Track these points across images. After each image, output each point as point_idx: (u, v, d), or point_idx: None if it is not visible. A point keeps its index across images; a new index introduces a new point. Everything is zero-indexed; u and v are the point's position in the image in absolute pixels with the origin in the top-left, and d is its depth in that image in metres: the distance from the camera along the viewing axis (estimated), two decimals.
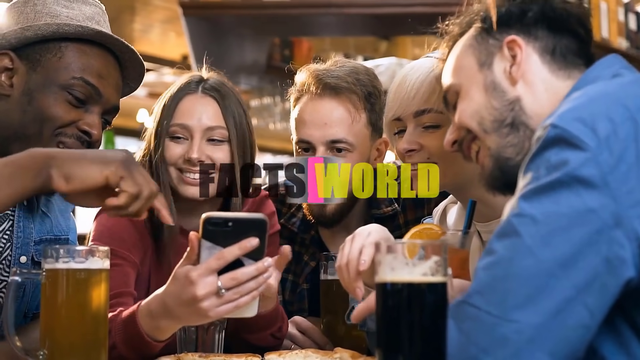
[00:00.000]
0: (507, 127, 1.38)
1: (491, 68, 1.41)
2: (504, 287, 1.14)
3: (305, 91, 2.10)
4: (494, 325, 1.13)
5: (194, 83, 1.97)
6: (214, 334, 1.68)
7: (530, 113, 1.37)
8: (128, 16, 7.58)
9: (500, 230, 1.19)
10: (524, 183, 1.19)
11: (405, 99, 1.70)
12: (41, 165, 1.35)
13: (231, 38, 4.84)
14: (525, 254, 1.14)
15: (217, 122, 1.93)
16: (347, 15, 4.59)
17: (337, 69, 2.10)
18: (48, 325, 1.34)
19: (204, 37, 4.79)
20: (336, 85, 2.06)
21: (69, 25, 1.65)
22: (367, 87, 2.09)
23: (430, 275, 1.18)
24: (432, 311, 1.18)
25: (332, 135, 2.05)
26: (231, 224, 1.36)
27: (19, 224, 1.73)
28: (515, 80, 1.38)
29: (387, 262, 1.20)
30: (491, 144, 1.40)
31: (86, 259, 1.34)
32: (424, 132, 1.70)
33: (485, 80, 1.41)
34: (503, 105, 1.38)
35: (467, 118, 1.43)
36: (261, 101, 5.41)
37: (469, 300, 1.18)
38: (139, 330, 1.51)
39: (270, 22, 4.69)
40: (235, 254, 1.34)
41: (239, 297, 1.36)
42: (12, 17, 1.70)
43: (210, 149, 1.93)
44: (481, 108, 1.40)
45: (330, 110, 2.06)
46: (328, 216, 2.11)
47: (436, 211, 1.90)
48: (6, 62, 1.66)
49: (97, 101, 1.70)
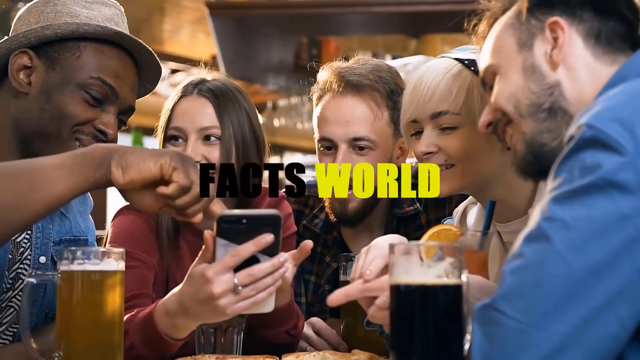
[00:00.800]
0: (544, 112, 1.33)
1: (531, 50, 1.35)
2: (532, 293, 1.11)
3: (327, 89, 2.09)
4: (521, 332, 1.10)
5: (191, 85, 1.97)
6: (232, 335, 1.67)
7: (571, 99, 1.31)
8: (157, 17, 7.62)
9: (530, 233, 1.15)
10: (555, 185, 1.15)
11: (421, 101, 1.68)
12: (103, 157, 1.35)
13: (258, 38, 4.84)
14: (555, 259, 1.10)
15: (211, 122, 1.91)
16: (374, 13, 4.57)
17: (359, 66, 2.09)
18: (63, 327, 1.35)
19: (231, 38, 4.81)
20: (358, 83, 2.05)
21: (88, 25, 1.67)
22: (389, 85, 2.07)
23: (445, 277, 1.17)
24: (446, 313, 1.17)
25: (354, 133, 2.04)
26: (245, 221, 1.35)
27: (38, 224, 1.74)
28: (556, 64, 1.33)
29: (400, 264, 1.19)
30: (526, 129, 1.35)
31: (101, 260, 1.34)
32: (441, 134, 1.68)
33: (524, 62, 1.35)
34: (541, 89, 1.33)
35: (503, 100, 1.38)
36: (289, 101, 5.41)
37: (495, 304, 1.14)
38: (157, 330, 1.51)
39: (297, 22, 4.68)
40: (251, 250, 1.33)
41: (255, 293, 1.35)
42: (32, 16, 1.72)
43: (205, 149, 1.90)
44: (518, 91, 1.35)
45: (352, 108, 2.05)
46: (350, 215, 2.10)
47: (456, 212, 1.88)
48: (25, 60, 1.67)
49: (114, 101, 1.71)
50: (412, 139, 1.75)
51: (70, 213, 1.85)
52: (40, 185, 1.35)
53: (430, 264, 1.17)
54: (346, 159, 2.04)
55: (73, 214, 1.85)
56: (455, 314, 1.17)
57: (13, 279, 1.70)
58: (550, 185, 1.16)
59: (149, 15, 7.39)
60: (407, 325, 1.18)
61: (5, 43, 1.68)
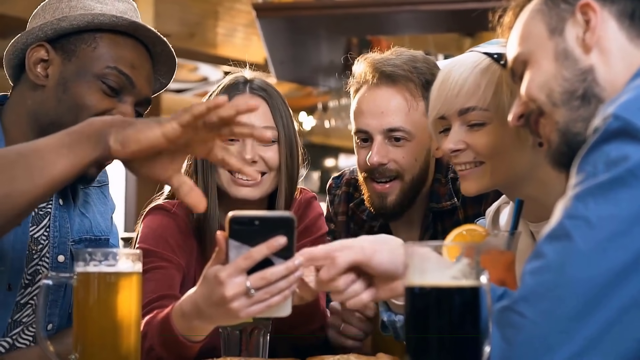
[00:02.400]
0: (577, 100, 1.27)
1: (562, 35, 1.30)
2: (554, 295, 1.06)
3: (363, 81, 2.08)
4: (541, 335, 1.05)
5: (240, 84, 1.96)
6: (259, 337, 1.64)
7: (604, 84, 1.25)
8: (211, 21, 7.69)
9: (551, 232, 1.10)
10: (578, 180, 1.10)
11: (448, 96, 1.63)
12: (99, 133, 1.35)
13: (307, 39, 4.83)
14: (578, 260, 1.05)
15: (267, 122, 1.93)
16: (423, 12, 4.52)
17: (394, 57, 2.08)
18: (79, 329, 1.33)
19: (280, 39, 4.81)
20: (392, 74, 2.03)
21: (103, 16, 1.68)
22: (425, 75, 2.04)
23: (461, 279, 1.12)
24: (463, 316, 1.11)
25: (389, 124, 2.03)
26: (258, 223, 1.32)
27: (55, 223, 1.75)
28: (589, 48, 1.27)
29: (415, 266, 1.14)
30: (559, 118, 1.29)
31: (117, 262, 1.32)
32: (469, 131, 1.62)
33: (555, 48, 1.30)
34: (574, 75, 1.27)
35: (534, 90, 1.32)
36: (339, 102, 5.38)
37: (514, 307, 1.09)
38: (174, 332, 1.49)
39: (346, 22, 4.65)
40: (264, 253, 1.30)
41: (269, 297, 1.32)
42: (47, 13, 1.74)
43: (262, 149, 1.92)
44: (550, 79, 1.30)
45: (387, 99, 2.03)
46: (389, 209, 2.08)
47: (489, 212, 1.82)
48: (42, 53, 1.69)
49: (130, 91, 1.71)
50: (440, 136, 1.70)
51: (90, 212, 1.85)
52: (38, 169, 1.34)
53: (446, 265, 1.13)
54: (381, 150, 2.03)
55: (93, 214, 1.86)
56: (472, 317, 1.12)
57: (32, 275, 1.71)
58: (573, 181, 1.10)
59: (202, 19, 7.45)
60: (422, 329, 1.13)
61: (21, 37, 1.70)
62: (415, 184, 2.07)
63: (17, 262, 1.67)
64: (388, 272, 1.32)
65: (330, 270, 1.32)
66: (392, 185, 2.06)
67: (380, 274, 1.33)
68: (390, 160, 2.04)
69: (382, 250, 1.33)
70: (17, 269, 1.67)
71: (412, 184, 2.06)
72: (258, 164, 1.92)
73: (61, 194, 1.77)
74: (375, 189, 2.07)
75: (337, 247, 1.34)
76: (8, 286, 1.66)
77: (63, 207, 1.77)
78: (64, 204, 1.78)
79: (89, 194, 1.89)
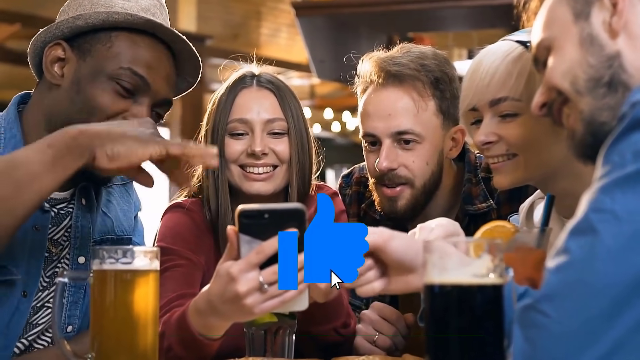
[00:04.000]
0: (603, 87, 1.21)
1: (588, 19, 1.23)
2: (579, 293, 1.00)
3: (368, 82, 2.00)
4: (565, 336, 0.99)
5: (248, 78, 1.94)
6: (284, 337, 1.61)
7: (631, 70, 1.19)
8: (255, 22, 7.72)
9: (576, 226, 1.04)
10: (604, 171, 1.04)
11: (479, 86, 1.57)
12: (84, 146, 1.39)
13: (347, 37, 4.78)
14: (604, 256, 0.99)
15: (276, 114, 1.90)
16: (465, 7, 4.45)
17: (400, 55, 1.99)
18: (96, 328, 1.31)
19: (320, 38, 4.78)
20: (398, 73, 1.94)
21: (118, 14, 1.63)
22: (433, 73, 1.96)
23: (483, 277, 1.07)
24: (484, 315, 1.06)
25: (397, 127, 1.94)
26: (267, 216, 1.28)
27: (77, 223, 1.72)
28: (616, 33, 1.21)
29: (434, 263, 1.09)
30: (584, 107, 1.23)
31: (133, 259, 1.30)
32: (501, 122, 1.56)
33: (581, 33, 1.24)
34: (600, 61, 1.21)
35: (558, 77, 1.26)
36: None
37: (537, 305, 1.04)
38: (191, 330, 1.47)
39: (386, 19, 4.60)
40: (275, 246, 1.27)
41: (283, 291, 1.29)
42: (71, 9, 1.71)
43: (272, 141, 1.90)
44: (575, 65, 1.24)
45: (393, 100, 1.95)
46: (399, 212, 2.00)
47: (522, 207, 1.75)
48: (59, 52, 1.66)
49: (146, 92, 1.66)
50: (472, 128, 1.64)
51: (112, 212, 1.83)
52: (25, 186, 1.37)
53: (468, 262, 1.08)
54: (390, 154, 1.94)
55: (115, 213, 1.83)
56: (494, 316, 1.06)
57: (50, 277, 1.69)
58: (599, 172, 1.04)
59: (246, 20, 7.48)
60: (442, 329, 1.08)
61: (40, 36, 1.68)
62: (428, 189, 1.98)
63: (33, 268, 1.65)
64: (402, 262, 1.29)
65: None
66: (402, 189, 1.97)
67: (394, 262, 1.29)
68: (400, 165, 1.96)
69: (399, 238, 1.29)
70: (34, 275, 1.65)
71: (424, 189, 1.98)
72: (269, 157, 1.89)
73: (84, 194, 1.74)
74: (384, 192, 1.99)
75: None
76: (23, 293, 1.63)
77: (85, 207, 1.75)
78: (87, 204, 1.75)
79: (112, 193, 1.87)
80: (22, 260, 1.62)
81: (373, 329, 1.80)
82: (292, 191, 1.91)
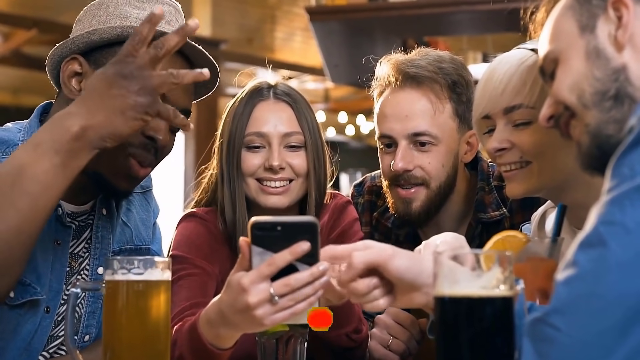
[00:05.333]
0: (609, 101, 1.21)
1: (594, 32, 1.24)
2: (590, 307, 0.99)
3: (386, 84, 2.01)
4: (576, 349, 0.99)
5: (264, 89, 1.93)
6: (296, 345, 1.61)
7: (638, 83, 1.19)
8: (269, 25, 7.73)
9: (585, 239, 1.04)
10: (613, 184, 1.03)
11: (493, 94, 1.57)
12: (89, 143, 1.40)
13: (362, 41, 4.77)
14: (615, 269, 0.98)
15: (293, 127, 1.90)
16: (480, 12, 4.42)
17: (418, 58, 2.01)
18: (108, 337, 1.32)
19: (334, 42, 4.77)
20: (416, 75, 1.96)
21: (132, 28, 1.61)
22: (451, 76, 1.97)
23: (493, 289, 1.07)
24: (494, 327, 1.06)
25: (414, 128, 1.95)
26: (280, 228, 1.29)
27: (97, 234, 1.73)
28: (621, 46, 1.21)
29: (445, 275, 1.10)
30: (590, 120, 1.23)
31: (145, 270, 1.30)
32: (514, 130, 1.56)
33: (587, 46, 1.24)
34: (606, 74, 1.21)
35: (564, 92, 1.27)
36: None
37: (547, 319, 1.03)
38: (202, 340, 1.47)
39: (401, 23, 4.58)
40: (287, 259, 1.27)
41: (294, 303, 1.29)
42: (86, 20, 1.70)
43: (289, 155, 1.90)
44: (581, 79, 1.24)
45: (411, 102, 1.96)
46: (414, 215, 2.01)
47: (534, 216, 1.74)
48: (76, 66, 1.65)
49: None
50: (484, 137, 1.64)
51: (132, 221, 1.83)
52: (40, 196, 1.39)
53: (477, 274, 1.07)
54: (406, 155, 1.96)
55: (135, 222, 1.84)
56: (504, 328, 1.07)
57: None
58: (608, 184, 1.04)
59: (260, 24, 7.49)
60: (452, 341, 1.08)
61: (57, 50, 1.67)
62: (443, 191, 1.99)
63: (55, 283, 1.65)
64: (404, 280, 1.28)
65: (349, 272, 1.28)
66: (417, 190, 1.98)
67: (397, 279, 1.28)
68: (416, 166, 1.97)
69: (401, 256, 1.28)
70: (56, 291, 1.65)
71: (439, 191, 1.99)
72: (285, 171, 1.89)
73: (104, 204, 1.75)
74: (399, 194, 2.01)
75: (360, 246, 1.30)
76: (46, 309, 1.64)
77: (106, 217, 1.75)
78: (107, 213, 1.76)
79: (132, 201, 1.87)
80: (45, 277, 1.63)
81: (387, 334, 1.80)
82: (310, 204, 1.91)
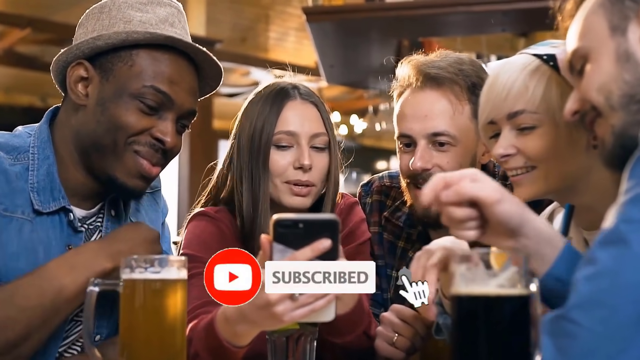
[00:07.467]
0: (637, 104, 1.22)
1: (625, 35, 1.24)
2: (611, 301, 1.03)
3: (406, 85, 2.03)
4: (599, 344, 1.02)
5: (290, 89, 1.95)
6: (305, 344, 1.63)
7: None
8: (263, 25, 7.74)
9: (605, 237, 1.06)
10: (632, 184, 1.06)
11: (497, 100, 1.59)
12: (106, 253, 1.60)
13: (357, 42, 4.80)
14: (635, 265, 1.02)
15: (320, 128, 1.93)
16: (474, 13, 4.45)
17: (439, 60, 2.02)
18: (125, 336, 1.34)
19: (330, 43, 4.79)
20: (437, 76, 1.97)
21: (137, 33, 1.64)
22: (470, 78, 1.98)
23: (509, 288, 1.09)
24: (511, 326, 1.09)
25: (433, 128, 1.97)
26: (302, 226, 1.31)
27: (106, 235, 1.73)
28: None
29: (461, 274, 1.12)
30: (616, 121, 1.24)
31: (162, 268, 1.32)
32: (519, 135, 1.57)
33: (617, 48, 1.25)
34: (636, 78, 1.22)
35: (593, 92, 1.27)
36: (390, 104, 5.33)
37: (568, 315, 1.06)
38: (218, 337, 1.49)
39: (396, 24, 4.61)
40: (308, 256, 1.29)
41: (313, 300, 1.31)
42: (89, 24, 1.70)
43: (317, 156, 1.91)
44: (610, 81, 1.25)
45: (431, 102, 1.98)
46: (433, 217, 2.01)
47: (542, 215, 1.76)
48: (81, 71, 1.66)
49: (170, 107, 1.67)
50: (491, 142, 1.66)
51: (141, 221, 1.84)
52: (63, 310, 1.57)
53: (493, 273, 1.10)
54: (425, 155, 1.97)
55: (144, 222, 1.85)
56: (521, 326, 1.09)
57: None
58: (626, 185, 1.06)
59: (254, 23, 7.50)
60: (469, 339, 1.11)
61: (62, 55, 1.68)
62: None
63: None
64: (505, 226, 1.26)
65: (453, 196, 1.25)
66: None
67: (497, 223, 1.26)
68: (434, 165, 1.98)
69: (509, 202, 1.27)
70: None
71: None
72: (312, 172, 1.90)
73: (113, 205, 1.77)
74: (418, 194, 2.03)
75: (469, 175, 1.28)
76: None
77: (115, 218, 1.77)
78: (116, 214, 1.78)
79: (141, 202, 1.88)
80: None
81: (392, 331, 1.82)
82: (326, 204, 1.94)
